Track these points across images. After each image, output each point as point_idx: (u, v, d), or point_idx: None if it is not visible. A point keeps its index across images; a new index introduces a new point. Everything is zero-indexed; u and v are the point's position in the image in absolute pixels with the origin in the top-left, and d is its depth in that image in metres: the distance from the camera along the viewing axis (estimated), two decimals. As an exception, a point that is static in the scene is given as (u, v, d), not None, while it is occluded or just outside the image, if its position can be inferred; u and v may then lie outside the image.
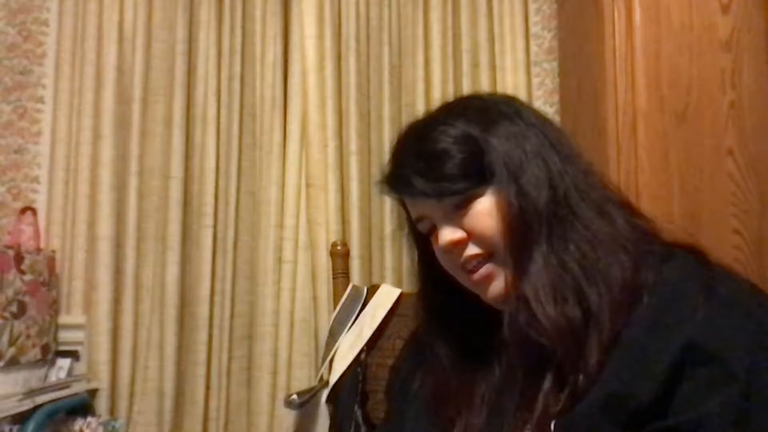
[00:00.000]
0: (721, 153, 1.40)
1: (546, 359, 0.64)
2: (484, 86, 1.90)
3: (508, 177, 0.69)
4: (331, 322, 1.52)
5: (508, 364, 0.70)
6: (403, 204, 0.81)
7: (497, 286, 0.71)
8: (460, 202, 0.71)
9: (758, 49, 1.42)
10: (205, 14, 1.88)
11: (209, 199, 1.81)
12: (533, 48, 1.97)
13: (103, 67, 1.83)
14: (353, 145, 1.85)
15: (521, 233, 0.67)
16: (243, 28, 1.90)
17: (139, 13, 1.86)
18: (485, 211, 0.70)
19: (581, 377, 0.61)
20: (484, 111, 0.73)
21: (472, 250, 0.71)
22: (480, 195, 0.70)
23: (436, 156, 0.71)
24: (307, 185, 1.85)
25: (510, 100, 0.77)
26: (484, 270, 0.71)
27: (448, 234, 0.72)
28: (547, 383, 0.63)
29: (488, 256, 0.71)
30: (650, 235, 0.69)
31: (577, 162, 0.72)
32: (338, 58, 1.89)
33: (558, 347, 0.62)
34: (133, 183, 1.81)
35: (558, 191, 0.68)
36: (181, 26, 1.86)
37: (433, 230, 0.75)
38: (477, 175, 0.70)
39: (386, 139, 1.87)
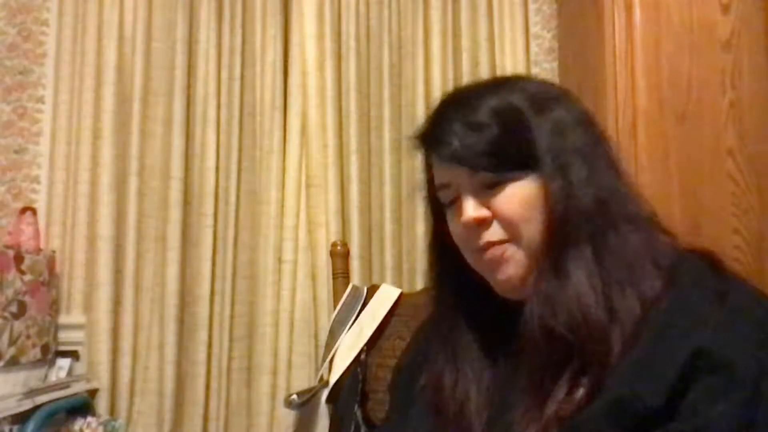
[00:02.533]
0: (721, 153, 1.40)
1: (564, 360, 0.62)
2: (484, 86, 1.89)
3: (554, 170, 0.67)
4: (331, 322, 1.52)
5: (519, 362, 0.68)
6: (428, 167, 0.77)
7: (510, 270, 0.69)
8: (495, 180, 0.68)
9: (758, 49, 1.42)
10: (205, 14, 1.88)
11: (209, 199, 1.81)
12: (533, 48, 1.97)
13: (103, 67, 1.83)
14: (353, 145, 1.85)
15: (562, 232, 0.65)
16: (243, 28, 1.90)
17: (139, 13, 1.86)
18: (522, 197, 0.67)
19: (596, 381, 0.60)
20: (540, 95, 0.71)
21: (494, 234, 0.69)
22: (518, 179, 0.68)
23: (483, 126, 0.68)
24: (307, 185, 1.85)
25: (566, 91, 0.75)
26: (499, 249, 0.68)
27: (473, 209, 0.69)
28: (561, 384, 0.62)
29: (509, 242, 0.68)
30: (674, 249, 0.68)
31: (616, 168, 0.71)
32: (338, 58, 1.89)
33: (579, 348, 0.61)
34: (133, 183, 1.81)
35: (600, 195, 0.66)
36: (181, 26, 1.86)
37: (456, 201, 0.72)
38: (520, 157, 0.67)
39: (386, 139, 1.87)
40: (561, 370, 0.62)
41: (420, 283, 1.77)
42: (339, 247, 1.61)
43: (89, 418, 1.60)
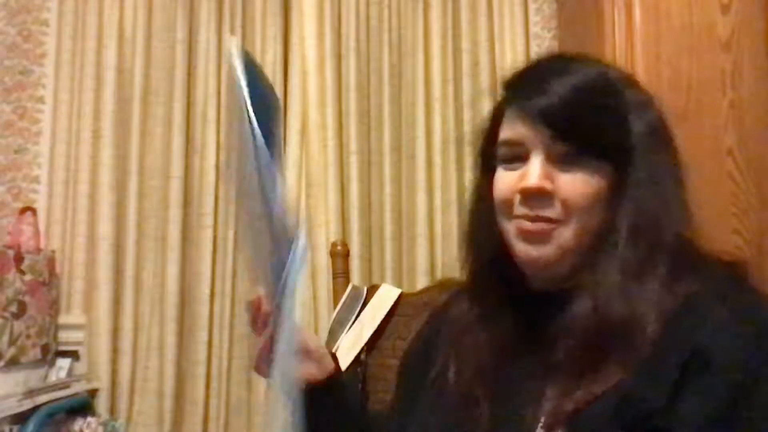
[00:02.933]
0: (721, 153, 1.40)
1: (592, 355, 0.60)
2: (484, 86, 1.90)
3: (644, 175, 0.64)
4: (331, 322, 1.52)
5: (532, 351, 0.65)
6: (496, 118, 0.71)
7: (548, 250, 0.65)
8: (575, 157, 0.63)
9: (758, 49, 1.42)
10: (205, 14, 1.88)
11: (209, 199, 1.81)
12: (533, 48, 1.97)
13: (103, 67, 1.83)
14: (353, 145, 1.85)
15: (645, 241, 0.62)
16: (243, 28, 1.90)
17: (139, 13, 1.86)
18: (593, 186, 0.63)
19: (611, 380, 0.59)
20: (639, 91, 0.68)
21: (551, 211, 0.64)
22: (596, 167, 0.63)
23: (585, 96, 0.64)
24: (307, 185, 1.85)
25: (654, 95, 0.71)
26: (547, 227, 0.64)
27: (538, 178, 0.63)
28: (581, 378, 0.60)
29: (561, 223, 0.64)
30: (711, 258, 0.67)
31: (684, 183, 0.68)
32: (338, 58, 1.89)
33: (614, 346, 0.59)
34: (133, 183, 1.81)
35: (679, 212, 0.65)
36: (181, 26, 1.86)
37: (519, 160, 0.66)
38: (609, 145, 0.64)
39: (386, 139, 1.87)
40: (586, 364, 0.60)
41: (420, 283, 1.77)
42: (339, 247, 1.60)
43: (89, 418, 1.60)
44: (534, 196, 0.64)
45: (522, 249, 0.66)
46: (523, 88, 0.68)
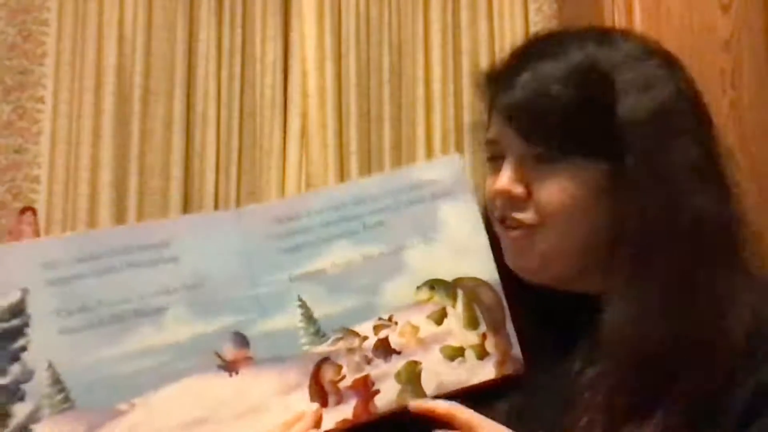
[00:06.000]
0: (721, 153, 1.40)
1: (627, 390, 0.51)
2: (484, 86, 1.90)
3: (639, 179, 0.54)
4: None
5: (555, 374, 0.57)
6: (490, 110, 0.63)
7: (530, 258, 0.58)
8: (548, 155, 0.56)
9: (758, 49, 1.42)
10: (205, 14, 1.88)
11: (209, 199, 1.81)
12: (533, 48, 1.97)
13: (103, 67, 1.83)
14: (353, 145, 1.85)
15: (649, 256, 0.53)
16: (243, 28, 1.90)
17: (139, 13, 1.86)
18: (573, 186, 0.55)
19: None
20: (645, 64, 0.59)
21: (525, 216, 0.57)
22: (590, 171, 0.55)
23: (553, 87, 0.55)
24: (307, 185, 1.85)
25: (680, 64, 0.61)
26: (524, 232, 0.58)
27: (507, 181, 0.57)
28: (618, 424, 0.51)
29: (539, 227, 0.57)
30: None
31: (723, 175, 0.61)
32: (338, 57, 1.89)
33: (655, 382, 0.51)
34: (133, 183, 1.81)
35: (701, 216, 0.56)
36: (181, 26, 1.86)
37: (497, 160, 0.59)
38: (592, 138, 0.55)
39: (386, 139, 1.87)
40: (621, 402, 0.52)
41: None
42: (339, 247, 1.61)
43: (89, 418, 1.60)
44: (506, 201, 0.58)
45: (507, 256, 0.61)
46: (497, 78, 0.60)
